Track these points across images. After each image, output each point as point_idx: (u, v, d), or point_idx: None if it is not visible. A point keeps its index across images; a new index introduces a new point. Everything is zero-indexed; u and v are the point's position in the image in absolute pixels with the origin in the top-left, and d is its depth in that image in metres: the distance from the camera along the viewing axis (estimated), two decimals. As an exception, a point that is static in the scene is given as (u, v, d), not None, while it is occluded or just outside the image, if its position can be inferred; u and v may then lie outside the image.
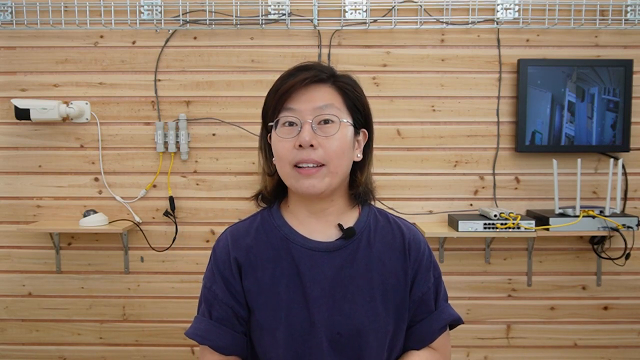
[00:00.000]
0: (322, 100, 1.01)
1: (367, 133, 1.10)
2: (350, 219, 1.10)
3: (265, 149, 1.10)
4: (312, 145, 0.99)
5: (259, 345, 1.07)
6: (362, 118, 1.08)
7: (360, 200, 1.12)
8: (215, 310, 1.07)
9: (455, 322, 1.14)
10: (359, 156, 1.08)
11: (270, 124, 1.04)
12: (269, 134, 1.07)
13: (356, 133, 1.07)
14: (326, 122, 1.01)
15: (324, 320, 1.03)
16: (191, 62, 2.49)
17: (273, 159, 1.07)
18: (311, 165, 1.00)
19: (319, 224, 1.08)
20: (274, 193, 1.12)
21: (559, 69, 2.40)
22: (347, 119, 1.03)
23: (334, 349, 1.03)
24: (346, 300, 1.04)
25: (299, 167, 1.01)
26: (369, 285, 1.05)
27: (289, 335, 1.03)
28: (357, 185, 1.10)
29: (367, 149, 1.11)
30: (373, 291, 1.05)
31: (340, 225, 1.08)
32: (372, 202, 1.15)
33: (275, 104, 1.02)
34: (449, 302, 1.17)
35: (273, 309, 1.04)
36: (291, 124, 1.01)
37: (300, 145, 0.99)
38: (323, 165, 1.01)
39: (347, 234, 1.06)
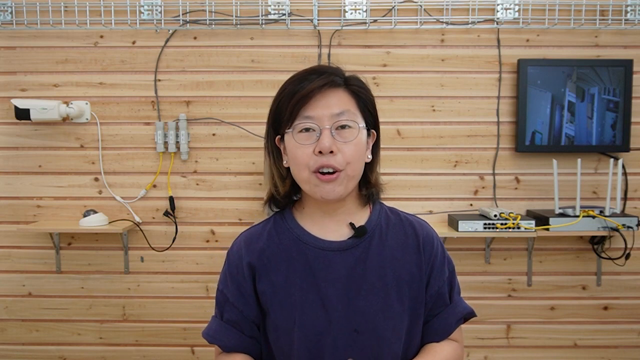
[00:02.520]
0: (338, 106, 1.02)
1: (375, 133, 1.12)
2: (361, 217, 1.12)
3: (274, 151, 1.10)
4: (331, 152, 1.00)
5: (276, 346, 1.09)
6: (372, 119, 1.10)
7: (371, 199, 1.13)
8: (226, 312, 1.11)
9: (469, 315, 1.17)
10: (369, 157, 1.09)
11: (288, 130, 1.03)
12: (277, 136, 1.07)
13: (367, 135, 1.08)
14: (343, 127, 1.02)
15: (340, 319, 1.04)
16: (191, 62, 2.49)
17: (283, 162, 1.08)
18: (331, 170, 1.01)
19: (332, 223, 1.10)
20: (287, 196, 1.12)
21: (559, 69, 2.40)
22: (362, 123, 1.05)
23: (351, 346, 1.04)
24: (361, 297, 1.05)
25: (319, 173, 1.02)
26: (382, 282, 1.07)
27: (304, 334, 1.04)
28: (369, 185, 1.11)
29: (375, 149, 1.13)
30: (387, 288, 1.07)
31: (352, 224, 1.09)
32: (380, 199, 1.16)
33: (292, 110, 1.01)
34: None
35: (288, 310, 1.06)
36: (308, 129, 1.02)
37: (320, 152, 1.00)
38: (341, 170, 1.02)
39: (359, 232, 1.08)
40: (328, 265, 1.06)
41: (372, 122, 1.09)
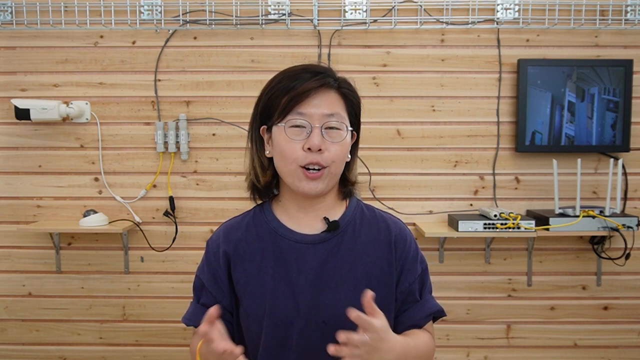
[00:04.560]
0: (330, 107, 1.07)
1: (356, 134, 1.16)
2: (337, 212, 1.16)
3: (256, 140, 1.14)
4: (319, 149, 1.04)
5: (247, 334, 1.13)
6: (356, 122, 1.14)
7: (348, 195, 1.18)
8: (203, 297, 1.17)
9: (438, 313, 1.19)
10: (348, 156, 1.13)
11: (280, 124, 1.07)
12: (262, 126, 1.11)
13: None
14: (332, 128, 1.07)
15: (309, 310, 1.08)
16: (191, 62, 2.49)
17: (266, 152, 1.12)
18: (317, 168, 1.06)
19: (307, 217, 1.14)
20: (268, 187, 1.16)
21: (559, 69, 2.40)
22: (349, 126, 1.10)
23: (318, 337, 1.07)
24: (330, 290, 1.09)
25: (306, 169, 1.06)
26: (352, 275, 1.10)
27: (273, 323, 1.08)
28: (347, 183, 1.16)
29: (354, 149, 1.17)
30: (357, 281, 1.10)
31: (325, 219, 1.13)
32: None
33: (286, 105, 1.05)
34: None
35: (259, 298, 1.10)
36: (299, 125, 1.06)
37: (309, 149, 1.04)
38: (326, 167, 1.06)
39: (331, 227, 1.12)
40: (300, 257, 1.10)
41: (355, 124, 1.14)
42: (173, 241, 2.53)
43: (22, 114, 2.37)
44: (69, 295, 2.58)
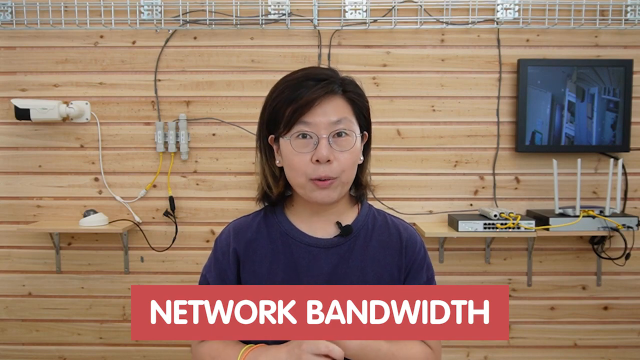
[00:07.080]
0: (336, 114, 1.03)
1: (367, 135, 1.13)
2: (349, 217, 1.14)
3: (265, 150, 1.12)
4: (328, 160, 1.02)
5: None
6: (365, 123, 1.11)
7: (360, 199, 1.17)
8: None
9: None
10: (361, 159, 1.11)
11: (287, 138, 1.04)
12: (270, 136, 1.09)
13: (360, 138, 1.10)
14: (340, 134, 1.04)
15: None
16: (191, 62, 2.49)
17: (276, 161, 1.10)
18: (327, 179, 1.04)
19: (320, 221, 1.12)
20: (280, 196, 1.14)
21: (559, 69, 2.40)
22: (358, 131, 1.07)
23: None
24: None
25: (316, 180, 1.03)
26: (363, 281, 1.09)
27: None
28: (359, 186, 1.14)
29: (367, 150, 1.14)
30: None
31: (338, 223, 1.12)
32: (371, 195, 1.18)
33: (290, 117, 1.03)
34: None
35: None
36: (305, 136, 1.03)
37: (317, 160, 1.02)
38: (336, 178, 1.04)
39: (344, 231, 1.11)
40: (312, 261, 1.09)
41: (365, 126, 1.11)
42: (173, 241, 2.53)
43: (22, 114, 2.37)
44: (69, 295, 2.58)
